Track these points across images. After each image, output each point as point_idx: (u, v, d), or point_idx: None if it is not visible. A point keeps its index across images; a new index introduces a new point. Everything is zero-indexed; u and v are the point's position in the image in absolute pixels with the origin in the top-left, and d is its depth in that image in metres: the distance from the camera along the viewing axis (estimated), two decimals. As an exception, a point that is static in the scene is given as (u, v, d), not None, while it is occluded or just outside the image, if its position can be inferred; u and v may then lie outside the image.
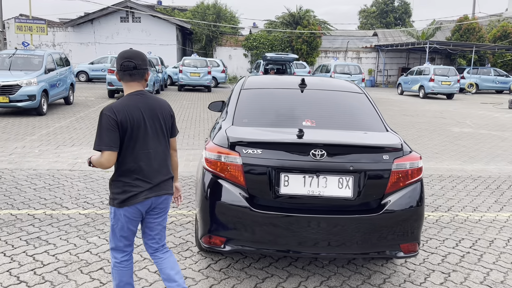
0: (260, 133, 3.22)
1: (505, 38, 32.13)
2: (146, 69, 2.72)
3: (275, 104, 3.78)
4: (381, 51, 33.40)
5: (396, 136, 3.32)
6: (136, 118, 2.60)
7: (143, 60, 2.70)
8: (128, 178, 2.64)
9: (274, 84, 4.21)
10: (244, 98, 3.80)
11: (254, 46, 33.01)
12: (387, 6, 58.09)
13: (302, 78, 3.98)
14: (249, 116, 3.56)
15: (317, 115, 3.56)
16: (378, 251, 3.04)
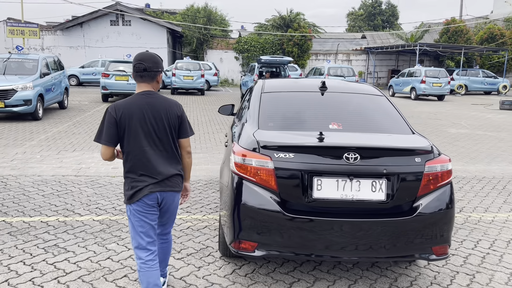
0: (290, 137, 3.20)
1: (492, 40, 32.66)
2: (157, 72, 2.85)
3: (298, 107, 3.78)
4: (371, 53, 33.66)
5: (424, 138, 3.34)
6: (136, 117, 2.75)
7: (154, 63, 2.83)
8: (133, 174, 2.81)
9: (293, 87, 4.21)
10: (266, 102, 3.79)
11: (245, 49, 33.02)
12: (374, 9, 58.71)
13: (323, 81, 3.98)
14: (274, 120, 3.55)
15: (342, 118, 3.56)
16: (411, 254, 3.04)
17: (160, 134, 2.81)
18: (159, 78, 2.90)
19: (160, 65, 2.89)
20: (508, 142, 10.60)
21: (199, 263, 3.77)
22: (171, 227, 3.15)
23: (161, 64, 2.91)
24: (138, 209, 2.81)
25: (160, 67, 2.89)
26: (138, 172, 2.79)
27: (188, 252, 3.98)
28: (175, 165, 2.90)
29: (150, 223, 2.85)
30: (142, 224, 2.83)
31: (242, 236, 3.09)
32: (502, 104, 18.68)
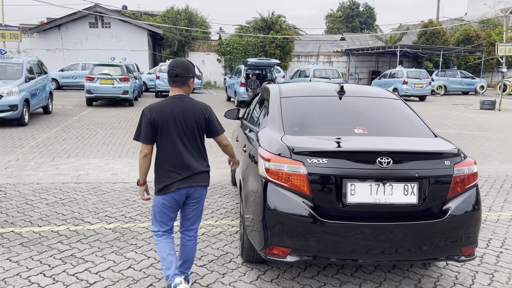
0: (321, 142, 3.21)
1: (468, 42, 33.52)
2: (188, 77, 3.14)
3: (320, 112, 3.80)
4: (351, 55, 34.09)
5: (449, 142, 3.41)
6: (167, 118, 3.04)
7: (185, 69, 3.12)
8: (162, 170, 3.10)
9: (311, 92, 4.23)
10: (287, 107, 3.80)
11: (228, 51, 32.99)
12: (352, 10, 59.43)
13: (341, 85, 4.02)
14: (298, 125, 3.56)
15: (366, 122, 3.60)
16: (443, 256, 3.10)
17: (189, 134, 3.09)
18: (190, 83, 3.18)
19: (190, 71, 3.15)
20: (495, 141, 10.89)
21: (222, 270, 3.75)
22: (198, 224, 3.32)
23: (192, 70, 3.18)
24: (164, 203, 3.12)
25: (191, 73, 3.16)
26: (166, 168, 3.08)
27: (209, 259, 3.95)
28: (202, 163, 3.17)
29: (171, 215, 3.20)
30: (163, 215, 3.18)
31: (274, 243, 3.09)
32: (483, 104, 19.18)
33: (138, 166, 3.28)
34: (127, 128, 11.60)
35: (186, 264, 3.31)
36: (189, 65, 3.18)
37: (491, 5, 43.63)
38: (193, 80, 3.21)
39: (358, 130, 3.46)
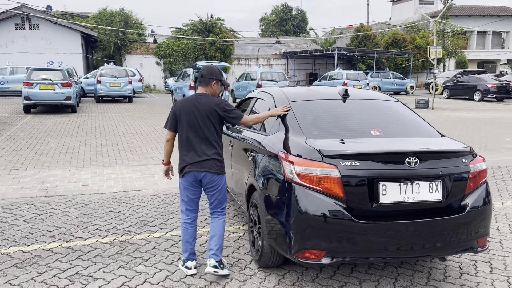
0: (351, 145, 3.29)
1: (395, 44, 35.60)
2: (211, 79, 3.71)
3: (331, 115, 3.90)
4: (290, 57, 34.89)
5: (458, 141, 3.64)
6: (187, 111, 3.62)
7: (210, 72, 3.72)
8: (181, 154, 3.70)
9: (315, 96, 4.30)
10: (299, 111, 3.85)
11: (167, 54, 32.37)
12: (285, 14, 60.90)
13: (345, 88, 4.15)
14: (316, 128, 3.62)
15: (379, 124, 3.74)
16: (463, 249, 3.31)
17: (201, 125, 3.59)
18: (213, 85, 3.71)
19: (214, 74, 3.72)
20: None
21: (241, 277, 3.71)
22: (220, 207, 3.78)
23: (216, 74, 3.73)
24: (183, 183, 3.71)
25: (215, 76, 3.71)
26: (183, 153, 3.67)
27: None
28: (209, 151, 3.60)
29: (191, 197, 3.73)
30: (184, 195, 3.74)
31: (308, 246, 3.13)
32: (417, 103, 20.50)
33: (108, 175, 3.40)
34: (79, 136, 11.01)
35: (214, 240, 3.69)
36: (214, 69, 3.76)
37: (413, 11, 46.92)
38: (217, 83, 3.72)
39: (374, 132, 3.60)
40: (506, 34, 44.53)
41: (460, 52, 39.41)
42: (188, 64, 32.56)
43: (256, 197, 3.82)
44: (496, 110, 20.12)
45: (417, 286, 3.59)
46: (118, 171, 7.54)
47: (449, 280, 3.68)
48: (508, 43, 44.38)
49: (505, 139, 11.47)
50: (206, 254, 3.90)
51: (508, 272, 3.84)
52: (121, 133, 11.77)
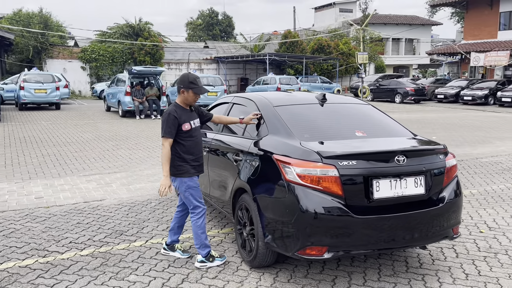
0: (346, 146, 3.52)
1: (321, 50, 37.24)
2: (178, 87, 3.96)
3: (316, 118, 4.11)
4: (221, 62, 35.07)
5: (431, 140, 4.02)
6: None
7: (178, 81, 4.00)
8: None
9: (296, 100, 4.49)
10: (285, 115, 4.01)
11: (93, 58, 31.01)
12: (212, 19, 60.96)
13: (323, 93, 4.39)
14: (306, 131, 3.81)
15: (361, 126, 4.03)
16: (442, 237, 3.67)
17: None
18: (181, 92, 3.94)
19: (182, 83, 3.93)
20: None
21: (236, 279, 3.79)
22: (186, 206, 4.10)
23: (184, 82, 3.92)
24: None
25: (182, 84, 3.92)
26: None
27: (217, 270, 3.94)
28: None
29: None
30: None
31: (311, 243, 3.30)
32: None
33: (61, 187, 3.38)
34: (14, 147, 10.28)
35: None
36: (182, 77, 3.98)
37: (334, 18, 49.39)
38: (185, 91, 3.91)
39: (358, 133, 3.87)
40: (417, 41, 48.36)
41: (379, 58, 42.18)
42: (116, 69, 31.49)
43: (246, 199, 3.92)
44: (416, 111, 21.82)
45: (399, 274, 3.90)
46: (70, 181, 7.20)
47: (425, 267, 4.05)
48: (419, 50, 48.21)
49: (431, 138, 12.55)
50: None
51: (472, 255, 4.30)
52: (60, 142, 11.17)
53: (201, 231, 4.00)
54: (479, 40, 30.96)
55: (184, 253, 4.22)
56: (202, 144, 4.13)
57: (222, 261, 4.05)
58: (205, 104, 19.94)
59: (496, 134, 13.23)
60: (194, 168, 3.97)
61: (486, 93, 24.78)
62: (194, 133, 3.99)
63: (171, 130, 3.83)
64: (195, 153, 3.99)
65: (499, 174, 7.83)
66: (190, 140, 3.94)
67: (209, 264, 3.98)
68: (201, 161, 4.05)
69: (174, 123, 3.84)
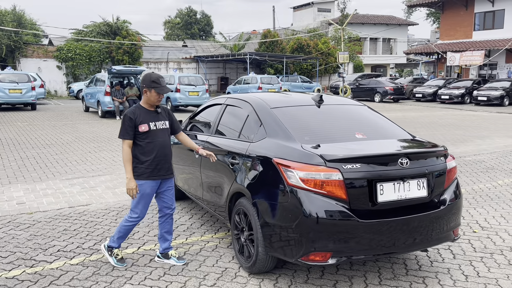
0: (349, 149, 3.45)
1: (300, 50, 37.35)
2: (142, 87, 3.92)
3: (314, 120, 4.03)
4: (201, 61, 34.77)
5: (430, 141, 3.99)
6: None
7: (142, 80, 3.94)
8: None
9: (293, 102, 4.40)
10: (284, 117, 3.92)
11: (70, 58, 30.29)
12: (190, 18, 60.50)
13: (320, 95, 4.32)
14: (306, 133, 3.73)
15: (360, 128, 3.97)
16: (444, 239, 3.64)
17: None
18: (143, 92, 3.90)
19: (144, 82, 3.86)
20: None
21: (236, 286, 3.69)
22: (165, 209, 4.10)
23: (146, 81, 3.85)
24: None
25: (144, 84, 3.85)
26: None
27: (215, 277, 3.83)
28: None
29: None
30: None
31: (315, 248, 3.22)
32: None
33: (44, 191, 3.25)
34: (-9, 149, 9.91)
35: None
36: (144, 77, 3.90)
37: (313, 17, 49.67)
38: (148, 91, 3.83)
39: (358, 135, 3.81)
40: (394, 41, 49.07)
41: (357, 57, 42.61)
42: (93, 68, 30.86)
43: (244, 204, 3.81)
44: (396, 110, 22.09)
45: (399, 277, 3.87)
46: (53, 185, 6.95)
47: (424, 269, 4.03)
48: (396, 49, 48.93)
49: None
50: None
51: (468, 256, 4.30)
52: (39, 144, 10.82)
53: (119, 230, 4.01)
54: (454, 40, 31.60)
55: (179, 260, 4.08)
56: (167, 147, 3.96)
57: (117, 264, 4.00)
58: (187, 104, 19.75)
59: (475, 132, 13.48)
60: (151, 172, 3.85)
61: (462, 92, 25.30)
62: (155, 135, 3.87)
63: (127, 131, 3.79)
64: (153, 156, 3.85)
65: (484, 172, 7.94)
66: (147, 142, 3.84)
67: (106, 255, 4.08)
68: (161, 165, 3.89)
69: (130, 124, 3.78)
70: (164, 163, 3.93)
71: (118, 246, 4.08)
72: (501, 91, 23.51)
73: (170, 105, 19.76)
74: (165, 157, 3.94)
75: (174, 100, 19.42)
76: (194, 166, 4.99)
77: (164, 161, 3.93)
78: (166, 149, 3.96)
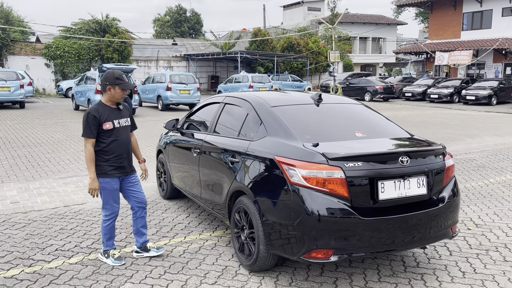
0: (351, 147, 3.48)
1: (291, 48, 37.41)
2: (105, 85, 3.89)
3: (314, 119, 4.05)
4: (191, 60, 34.65)
5: (427, 140, 4.04)
6: None
7: (104, 78, 3.88)
8: None
9: (292, 101, 4.41)
10: (284, 116, 3.94)
11: (58, 55, 29.95)
12: (180, 16, 60.17)
13: (319, 94, 4.35)
14: (307, 132, 3.75)
15: (360, 126, 4.01)
16: (443, 237, 3.69)
17: None
18: (107, 89, 3.88)
19: (107, 80, 3.86)
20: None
21: (237, 284, 3.70)
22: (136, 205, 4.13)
23: (109, 78, 3.85)
24: None
25: (107, 81, 3.85)
26: None
27: (215, 275, 3.84)
28: None
29: None
30: None
31: (318, 246, 3.25)
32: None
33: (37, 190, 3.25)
34: (-19, 147, 9.77)
35: None
36: (106, 74, 3.89)
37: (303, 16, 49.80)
38: (111, 88, 3.85)
39: (358, 134, 3.85)
40: (383, 40, 49.40)
41: (347, 56, 42.82)
42: (82, 66, 30.58)
43: (245, 202, 3.82)
44: (386, 109, 22.25)
45: (398, 274, 3.92)
46: (47, 184, 6.88)
47: (422, 266, 4.08)
48: (385, 48, 49.28)
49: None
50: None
51: (464, 253, 4.37)
52: (30, 143, 10.70)
53: (104, 233, 4.04)
54: (443, 40, 31.93)
55: (158, 250, 4.19)
56: (129, 144, 4.08)
57: (116, 263, 4.01)
58: (178, 102, 19.66)
59: (465, 131, 13.65)
60: (115, 169, 3.92)
61: (451, 91, 25.58)
62: (118, 132, 3.93)
63: (91, 129, 3.81)
64: (117, 154, 3.92)
65: (475, 171, 8.05)
66: (112, 140, 3.89)
67: (103, 259, 4.07)
68: (125, 162, 3.99)
69: (94, 122, 3.80)
70: (126, 160, 4.02)
71: (111, 247, 4.10)
72: (489, 91, 23.83)
73: (161, 104, 19.66)
74: (128, 154, 4.04)
75: (165, 98, 19.33)
76: (192, 165, 4.99)
77: (127, 158, 4.02)
78: (129, 146, 4.07)
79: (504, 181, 7.28)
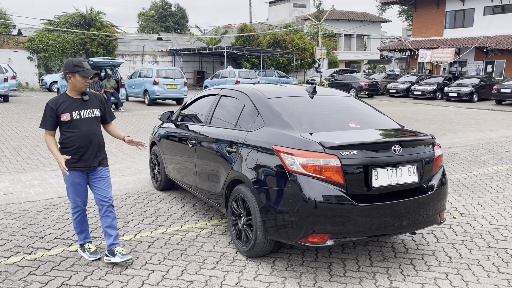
0: (347, 136, 3.64)
1: (277, 44, 37.57)
2: (64, 74, 3.76)
3: (310, 110, 4.19)
4: (177, 55, 34.51)
5: (417, 130, 4.22)
6: None
7: (64, 67, 3.79)
8: None
9: (288, 93, 4.54)
10: (280, 107, 4.07)
11: (42, 49, 29.53)
12: (165, 10, 59.79)
13: (313, 86, 4.50)
14: (303, 122, 3.89)
15: (353, 117, 4.16)
16: (432, 222, 3.88)
17: None
18: (68, 78, 3.71)
19: (66, 68, 3.70)
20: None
21: (235, 269, 3.83)
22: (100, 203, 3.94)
23: (68, 67, 3.70)
24: None
25: (67, 69, 3.70)
26: None
27: (213, 261, 3.96)
28: None
29: None
30: None
31: (314, 231, 3.40)
32: (306, 100, 22.00)
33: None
34: (-32, 140, 9.67)
35: None
36: (66, 63, 3.75)
37: (288, 13, 49.96)
38: (71, 76, 3.67)
39: (352, 124, 4.00)
40: (367, 37, 49.93)
41: (332, 53, 43.17)
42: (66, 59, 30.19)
43: (243, 191, 3.95)
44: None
45: (389, 259, 4.10)
46: (39, 176, 6.90)
47: (411, 251, 4.28)
48: (370, 46, 49.82)
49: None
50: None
51: (451, 240, 4.58)
52: (18, 136, 10.64)
53: (77, 228, 3.97)
54: (426, 37, 32.48)
55: (123, 256, 3.84)
56: (94, 136, 3.81)
57: (91, 257, 3.91)
58: (165, 97, 19.66)
59: (448, 126, 14.00)
60: (76, 162, 3.74)
61: (434, 88, 26.09)
62: (79, 124, 3.74)
63: (48, 121, 3.71)
64: (76, 146, 3.72)
65: (459, 164, 8.32)
66: (71, 132, 3.72)
67: (81, 254, 4.01)
68: (87, 155, 3.77)
69: (51, 114, 3.69)
70: (90, 154, 3.79)
71: (86, 240, 4.01)
72: (470, 88, 24.36)
73: (148, 98, 19.61)
74: (92, 148, 3.80)
75: (152, 93, 19.29)
76: (187, 156, 5.09)
77: (90, 152, 3.79)
78: (93, 138, 3.81)
79: (486, 173, 7.56)
